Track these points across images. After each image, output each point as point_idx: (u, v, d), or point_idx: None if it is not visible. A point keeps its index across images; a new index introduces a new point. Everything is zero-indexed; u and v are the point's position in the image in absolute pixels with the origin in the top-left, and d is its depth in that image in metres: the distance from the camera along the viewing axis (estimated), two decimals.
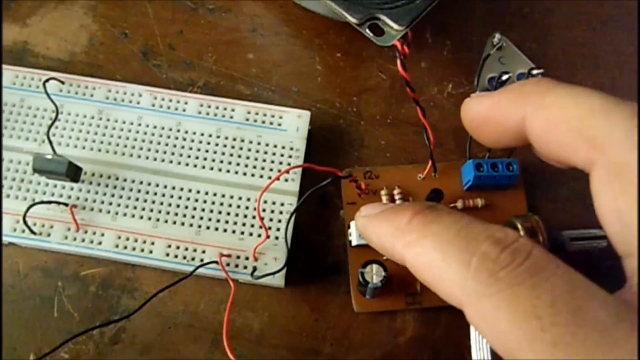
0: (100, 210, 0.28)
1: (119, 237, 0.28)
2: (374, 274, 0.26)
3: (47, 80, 0.29)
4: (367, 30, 0.28)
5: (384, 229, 0.21)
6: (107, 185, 0.28)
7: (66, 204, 0.28)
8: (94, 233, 0.28)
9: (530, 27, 0.35)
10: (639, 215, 0.17)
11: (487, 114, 0.23)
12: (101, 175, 0.29)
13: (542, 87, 0.21)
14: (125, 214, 0.28)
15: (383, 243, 0.21)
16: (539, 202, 0.31)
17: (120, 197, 0.28)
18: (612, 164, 0.18)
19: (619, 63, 0.34)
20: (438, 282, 0.19)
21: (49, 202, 0.28)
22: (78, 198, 0.28)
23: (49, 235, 0.28)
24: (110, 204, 0.28)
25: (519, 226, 0.27)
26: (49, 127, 0.28)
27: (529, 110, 0.21)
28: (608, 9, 0.35)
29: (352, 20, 0.28)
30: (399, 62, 0.26)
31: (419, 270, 0.19)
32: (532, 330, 0.16)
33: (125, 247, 0.28)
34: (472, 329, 0.26)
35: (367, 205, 0.24)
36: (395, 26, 0.28)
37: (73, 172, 0.27)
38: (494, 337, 0.17)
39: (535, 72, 0.32)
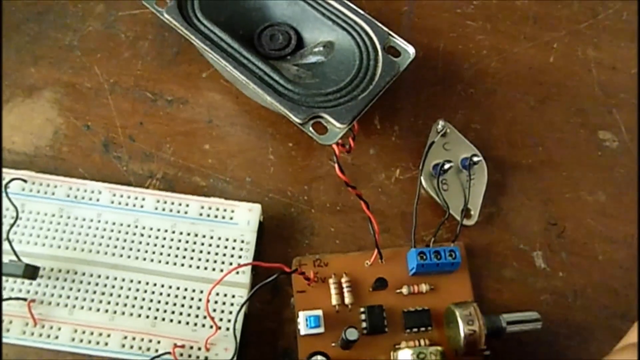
0: (58, 304, 0.29)
1: (76, 331, 0.29)
2: None
3: (10, 181, 0.30)
4: (311, 129, 0.30)
5: None
6: (65, 280, 0.30)
7: (25, 299, 0.29)
8: (51, 327, 0.29)
9: (475, 108, 0.37)
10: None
11: None
12: (60, 271, 0.30)
13: None
14: (82, 307, 0.29)
15: None
16: (485, 282, 0.33)
17: (78, 290, 0.30)
18: None
19: (555, 140, 0.36)
20: None
21: (8, 299, 0.29)
22: (37, 292, 0.30)
23: (8, 330, 0.29)
24: (68, 297, 0.29)
25: (457, 314, 0.28)
26: (9, 229, 0.29)
27: None
28: (545, 89, 0.37)
29: (296, 120, 0.30)
30: (336, 166, 0.27)
31: None
32: None
33: (82, 340, 0.29)
34: None
35: None
36: (337, 124, 0.30)
37: (30, 272, 0.28)
38: None
39: (476, 158, 0.34)
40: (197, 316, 0.29)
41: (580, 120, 0.37)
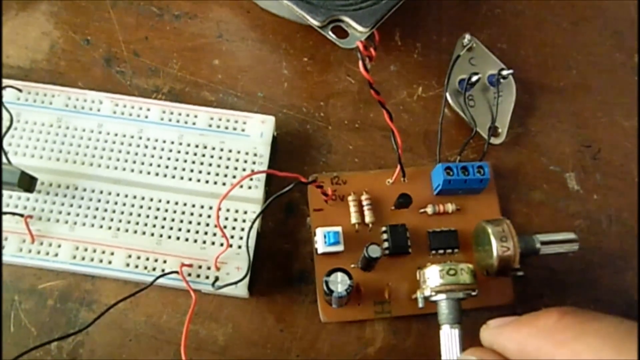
0: (58, 221, 0.27)
1: (77, 248, 0.27)
2: (339, 283, 0.25)
3: (3, 88, 0.28)
4: (330, 33, 0.28)
5: (524, 333, 0.21)
6: (65, 195, 0.28)
7: (21, 215, 0.27)
8: (50, 244, 0.27)
9: (501, 28, 0.34)
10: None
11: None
12: (59, 185, 0.28)
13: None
14: (84, 224, 0.27)
15: (525, 346, 0.21)
16: (513, 205, 0.30)
17: (79, 206, 0.27)
18: None
19: (590, 63, 0.34)
20: None
21: (3, 213, 0.27)
22: (34, 208, 0.27)
23: (2, 247, 0.27)
24: (69, 214, 0.27)
25: (489, 230, 0.26)
26: (2, 136, 0.27)
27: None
28: (579, 10, 0.35)
29: (315, 22, 0.28)
30: (360, 63, 0.25)
31: None
32: None
33: (84, 258, 0.27)
34: (442, 339, 0.25)
35: (496, 319, 0.23)
36: (359, 28, 0.28)
37: (27, 183, 0.26)
38: None
39: (505, 72, 0.31)
40: (205, 233, 0.27)
41: (616, 43, 0.35)
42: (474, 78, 0.31)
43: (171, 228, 0.27)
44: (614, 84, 0.33)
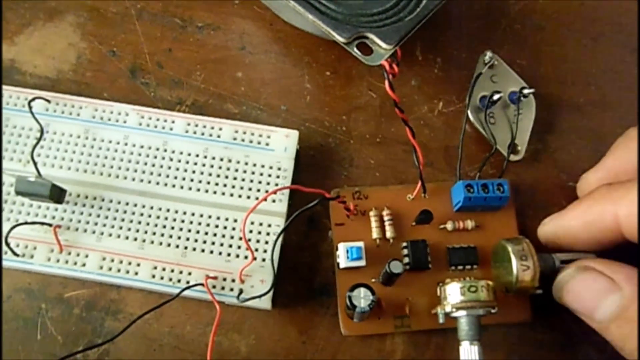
0: (85, 231, 0.28)
1: (104, 259, 0.27)
2: (362, 298, 0.25)
3: (32, 100, 0.29)
4: (355, 49, 0.28)
5: (584, 206, 0.26)
6: (92, 206, 0.28)
7: (50, 225, 0.28)
8: (78, 254, 0.27)
9: (521, 44, 0.35)
10: (639, 214, 0.19)
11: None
12: (86, 196, 0.28)
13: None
14: (110, 235, 0.28)
15: (587, 217, 0.25)
16: (531, 222, 0.31)
17: (106, 217, 0.28)
18: None
19: (609, 80, 0.34)
20: None
21: (32, 223, 0.27)
22: (62, 219, 0.28)
23: (32, 256, 0.27)
24: (96, 224, 0.28)
25: (509, 249, 0.27)
26: (34, 147, 0.27)
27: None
28: (599, 26, 0.35)
29: (340, 39, 0.28)
30: (386, 82, 0.26)
31: None
32: None
33: (110, 269, 0.27)
34: (461, 356, 0.25)
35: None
36: (384, 45, 0.28)
37: (57, 194, 0.26)
38: None
39: (526, 91, 0.32)
40: (230, 246, 0.28)
41: (635, 60, 0.35)
42: (496, 97, 0.31)
43: (196, 240, 0.28)
44: (633, 100, 0.33)
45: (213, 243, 0.28)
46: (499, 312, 0.28)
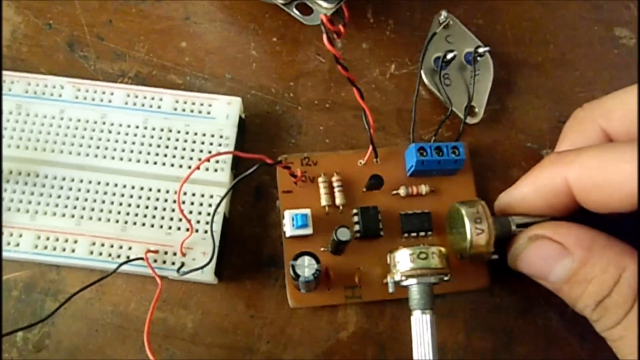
0: (18, 210, 0.26)
1: (39, 237, 0.26)
2: (306, 267, 0.24)
3: None
4: (295, 10, 0.27)
5: (534, 173, 0.26)
6: (25, 183, 0.27)
7: None
8: (11, 234, 0.26)
9: (478, 3, 0.33)
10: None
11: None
12: (19, 173, 0.27)
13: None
14: (45, 212, 0.27)
15: (538, 183, 0.25)
16: (490, 184, 0.30)
17: (41, 194, 0.27)
18: None
19: (568, 38, 0.33)
20: (615, 175, 0.21)
21: None
22: None
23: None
24: (30, 202, 0.27)
25: (463, 212, 0.25)
26: None
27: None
28: None
29: (278, 0, 0.27)
30: (324, 37, 0.24)
31: (590, 177, 0.22)
32: None
33: (46, 247, 0.26)
34: (413, 326, 0.24)
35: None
36: (324, 4, 0.27)
37: None
38: None
39: (481, 49, 0.30)
40: (171, 219, 0.27)
41: (595, 16, 0.34)
42: (450, 56, 0.30)
43: (136, 214, 0.27)
44: (593, 58, 0.32)
45: (154, 216, 0.27)
46: (456, 280, 0.27)
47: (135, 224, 0.27)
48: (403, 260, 0.25)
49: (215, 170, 0.27)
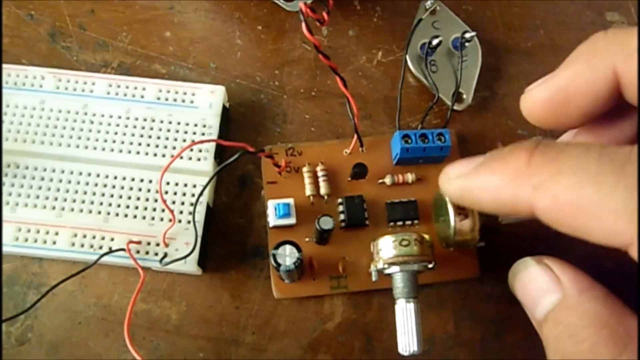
0: None
1: (20, 230, 0.26)
2: (287, 256, 0.24)
3: None
4: None
5: (496, 180, 0.19)
6: (5, 175, 0.26)
7: None
8: None
9: None
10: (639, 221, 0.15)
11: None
12: None
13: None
14: (26, 204, 0.26)
15: (499, 197, 0.19)
16: None
17: (21, 186, 0.26)
18: None
19: (558, 22, 0.32)
20: (593, 220, 0.16)
21: None
22: None
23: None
24: (10, 194, 0.26)
25: (447, 199, 0.25)
26: None
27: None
28: None
29: None
30: (303, 25, 0.24)
31: (563, 213, 0.17)
32: None
33: (27, 240, 0.26)
34: (397, 315, 0.24)
35: (453, 165, 0.21)
36: None
37: None
38: None
39: (468, 35, 0.30)
40: (154, 209, 0.26)
41: (586, 1, 0.33)
42: (435, 41, 0.29)
43: (119, 205, 0.26)
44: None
45: (136, 207, 0.26)
46: (445, 270, 0.26)
47: (117, 214, 0.26)
48: (385, 247, 0.24)
49: (199, 160, 0.27)
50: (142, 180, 0.27)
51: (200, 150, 0.27)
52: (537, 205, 0.17)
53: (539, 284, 0.20)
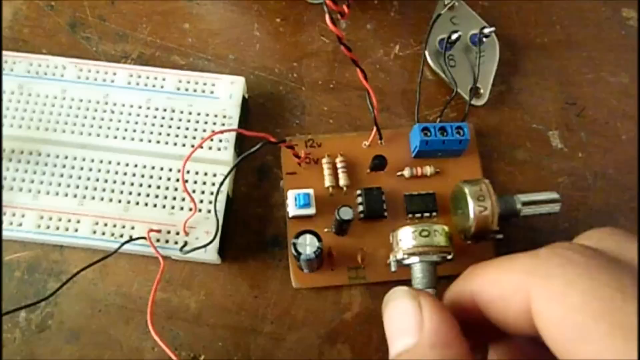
0: (21, 189, 0.26)
1: (42, 217, 0.26)
2: (307, 245, 0.24)
3: None
4: None
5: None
6: (28, 162, 0.27)
7: None
8: (14, 214, 0.26)
9: None
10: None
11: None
12: (21, 152, 0.27)
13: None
14: (48, 192, 0.26)
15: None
16: (496, 165, 0.29)
17: (43, 174, 0.27)
18: None
19: (574, 19, 0.32)
20: None
21: None
22: None
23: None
24: (32, 182, 0.26)
25: (466, 190, 0.25)
26: None
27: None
28: None
29: None
30: (327, 17, 0.24)
31: None
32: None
33: (49, 227, 0.26)
34: None
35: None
36: None
37: None
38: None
39: (487, 30, 0.30)
40: (174, 198, 0.26)
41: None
42: (454, 36, 0.30)
43: (139, 194, 0.26)
44: (599, 39, 0.32)
45: (157, 196, 0.26)
46: (462, 262, 0.26)
47: (138, 203, 0.26)
48: (405, 237, 0.24)
49: (219, 149, 0.27)
50: (162, 169, 0.27)
51: (221, 140, 0.27)
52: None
53: (401, 322, 0.19)
